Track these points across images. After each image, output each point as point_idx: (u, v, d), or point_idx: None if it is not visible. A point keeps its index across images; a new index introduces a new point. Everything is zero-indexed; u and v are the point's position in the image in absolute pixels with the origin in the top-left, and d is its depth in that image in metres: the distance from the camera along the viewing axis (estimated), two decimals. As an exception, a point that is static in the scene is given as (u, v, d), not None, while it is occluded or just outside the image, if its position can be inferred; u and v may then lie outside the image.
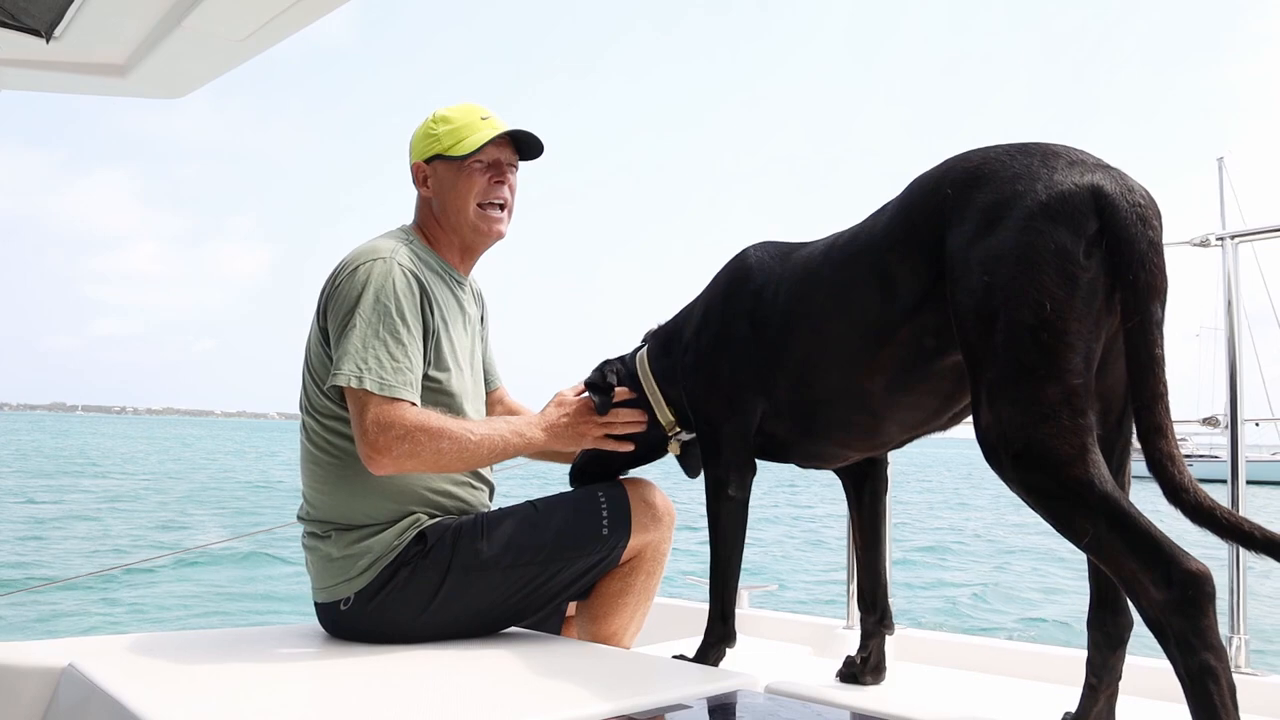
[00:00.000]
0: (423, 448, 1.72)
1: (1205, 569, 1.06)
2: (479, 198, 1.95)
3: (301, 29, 2.13)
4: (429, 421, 1.74)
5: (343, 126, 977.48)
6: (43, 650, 1.74)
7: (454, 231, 1.99)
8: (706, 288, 1.83)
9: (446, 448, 1.75)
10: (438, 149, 1.95)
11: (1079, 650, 1.43)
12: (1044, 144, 1.28)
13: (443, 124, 1.96)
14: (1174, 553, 1.07)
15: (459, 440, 1.76)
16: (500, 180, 1.97)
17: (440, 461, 1.77)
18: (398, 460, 1.72)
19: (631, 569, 1.94)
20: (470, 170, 1.94)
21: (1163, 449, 1.13)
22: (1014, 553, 13.46)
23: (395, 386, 1.73)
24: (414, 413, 1.74)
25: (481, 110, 1.97)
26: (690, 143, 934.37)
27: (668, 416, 1.89)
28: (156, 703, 1.37)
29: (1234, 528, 1.09)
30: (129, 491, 20.11)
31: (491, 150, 1.95)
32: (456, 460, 1.79)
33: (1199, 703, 1.05)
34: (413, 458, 1.73)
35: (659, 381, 1.89)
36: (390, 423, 1.70)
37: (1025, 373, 1.17)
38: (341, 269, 1.85)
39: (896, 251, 1.40)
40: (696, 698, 1.51)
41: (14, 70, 2.42)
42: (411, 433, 1.71)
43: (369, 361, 1.73)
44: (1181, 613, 1.05)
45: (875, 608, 1.78)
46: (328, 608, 1.86)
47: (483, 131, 1.93)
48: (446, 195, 1.96)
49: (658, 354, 1.91)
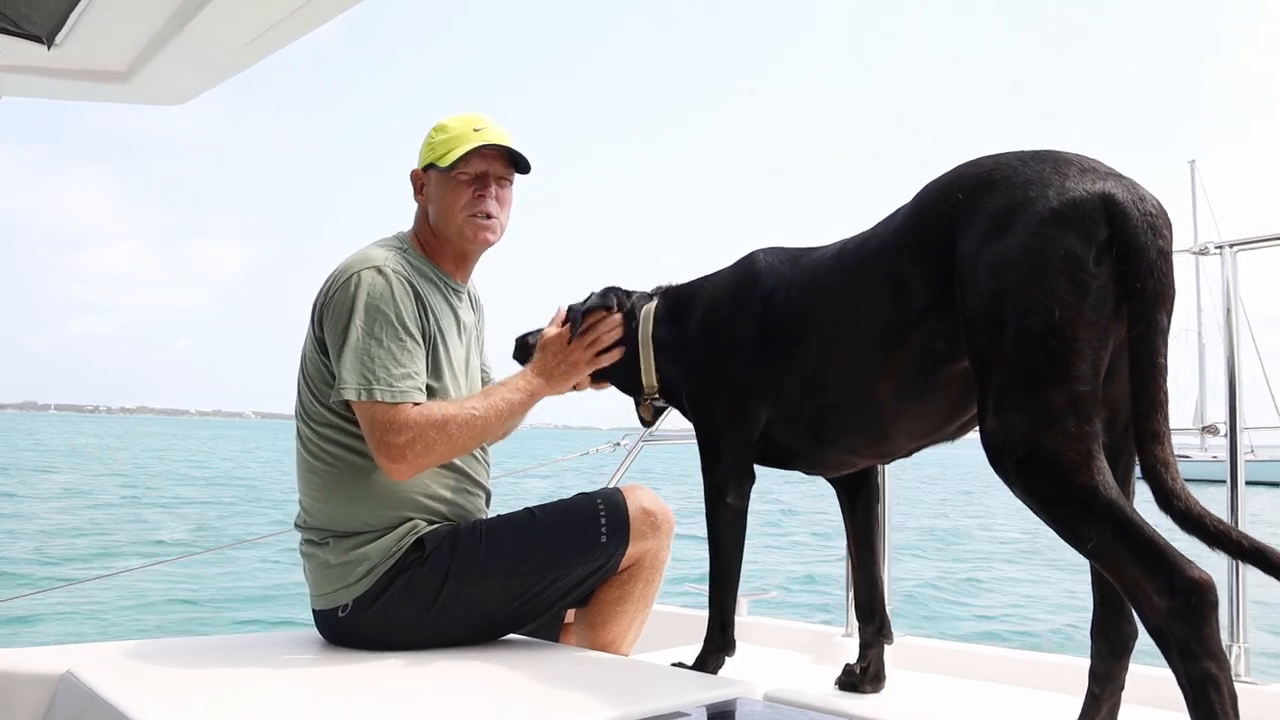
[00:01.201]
0: (435, 442, 1.75)
1: (1208, 577, 1.06)
2: (466, 209, 1.95)
3: (304, 35, 2.13)
4: (433, 414, 1.76)
5: (324, 127, 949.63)
6: (40, 657, 1.73)
7: (446, 239, 1.99)
8: (713, 286, 1.81)
9: (456, 432, 1.78)
10: (431, 158, 1.95)
11: (1081, 659, 1.43)
12: (1056, 151, 1.28)
13: (439, 133, 1.96)
14: (1177, 561, 1.07)
15: (466, 421, 1.79)
16: (483, 194, 1.95)
17: (455, 447, 1.80)
18: (416, 460, 1.75)
19: (630, 576, 1.93)
20: (456, 181, 1.94)
21: (1158, 455, 1.13)
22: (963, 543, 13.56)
23: (403, 391, 1.75)
24: (418, 410, 1.75)
25: (477, 120, 1.96)
26: (687, 141, 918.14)
27: (652, 381, 1.90)
28: (154, 709, 1.37)
29: (1222, 535, 1.09)
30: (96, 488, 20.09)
31: (478, 162, 1.94)
32: (471, 440, 1.82)
33: (1200, 711, 1.05)
34: (429, 454, 1.76)
35: (655, 347, 1.88)
36: (399, 426, 1.72)
37: (1032, 378, 1.17)
38: (335, 278, 1.85)
39: (908, 256, 1.40)
40: (695, 705, 1.50)
41: (15, 77, 2.42)
42: (422, 431, 1.73)
43: (376, 371, 1.74)
44: (1184, 620, 1.06)
45: (873, 617, 1.77)
46: (325, 615, 1.86)
47: (469, 142, 1.92)
48: (436, 204, 1.97)
49: (663, 318, 1.89)
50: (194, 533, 12.57)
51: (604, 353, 1.92)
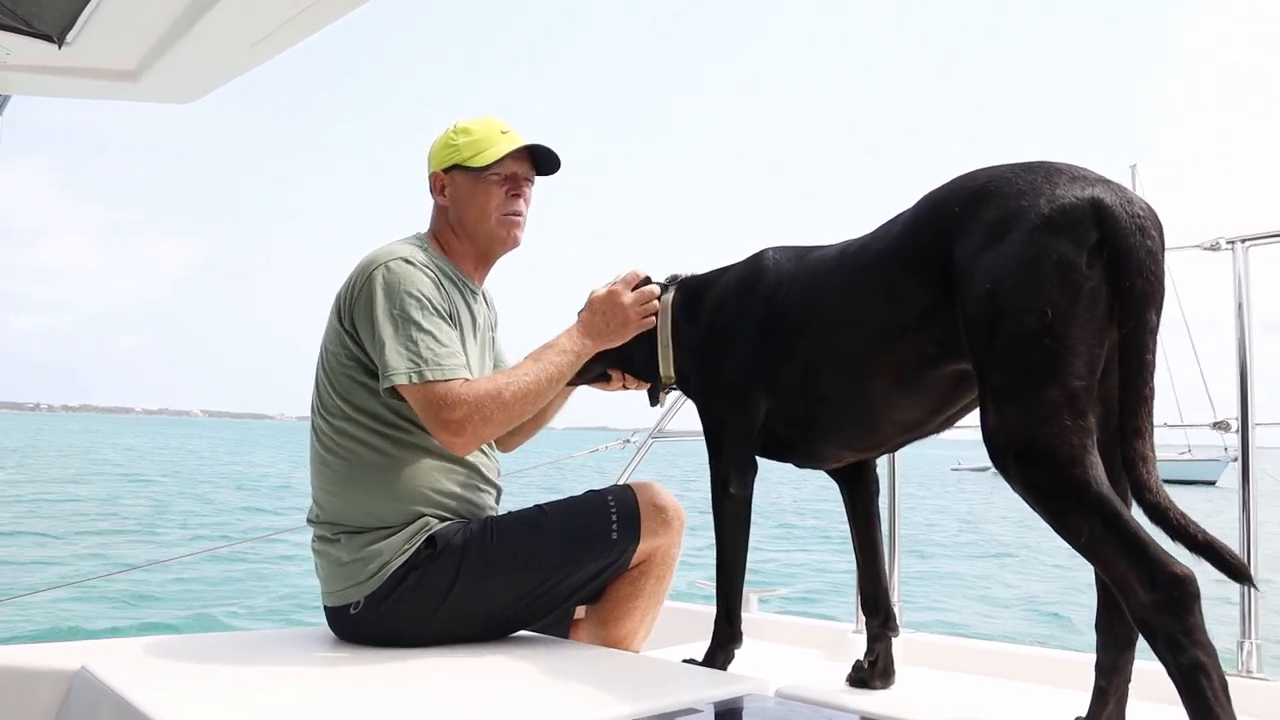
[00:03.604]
0: (492, 412, 1.78)
1: (1189, 571, 1.11)
2: (498, 209, 2.00)
3: (312, 34, 2.14)
4: (485, 386, 1.79)
5: (278, 126, 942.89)
6: (56, 653, 1.75)
7: (471, 240, 2.03)
8: (725, 281, 1.85)
9: (511, 399, 1.80)
10: (457, 159, 1.99)
11: (1088, 654, 1.44)
12: (1047, 162, 1.33)
13: (463, 135, 2.00)
14: (1159, 556, 1.12)
15: (518, 389, 1.81)
16: (517, 194, 2.01)
17: (512, 415, 1.82)
18: (476, 431, 1.77)
19: (641, 573, 1.94)
20: (488, 182, 1.98)
21: (1138, 449, 1.19)
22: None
23: (452, 369, 1.78)
24: (469, 385, 1.78)
25: (501, 124, 2.02)
26: (684, 137, 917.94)
27: (669, 371, 1.92)
28: (168, 705, 1.38)
29: (1181, 529, 1.15)
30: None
31: (510, 164, 2.00)
32: (527, 406, 1.84)
33: (1193, 698, 1.08)
34: (488, 424, 1.78)
35: (674, 337, 1.91)
36: (454, 402, 1.75)
37: (1029, 375, 1.22)
38: (362, 271, 1.87)
39: (905, 266, 1.45)
40: (706, 702, 1.51)
41: (25, 76, 2.44)
42: (479, 403, 1.76)
43: (422, 353, 1.77)
44: (1169, 613, 1.10)
45: (878, 610, 1.78)
46: (337, 611, 1.87)
47: (501, 144, 1.98)
48: (464, 205, 2.00)
49: (680, 310, 1.93)
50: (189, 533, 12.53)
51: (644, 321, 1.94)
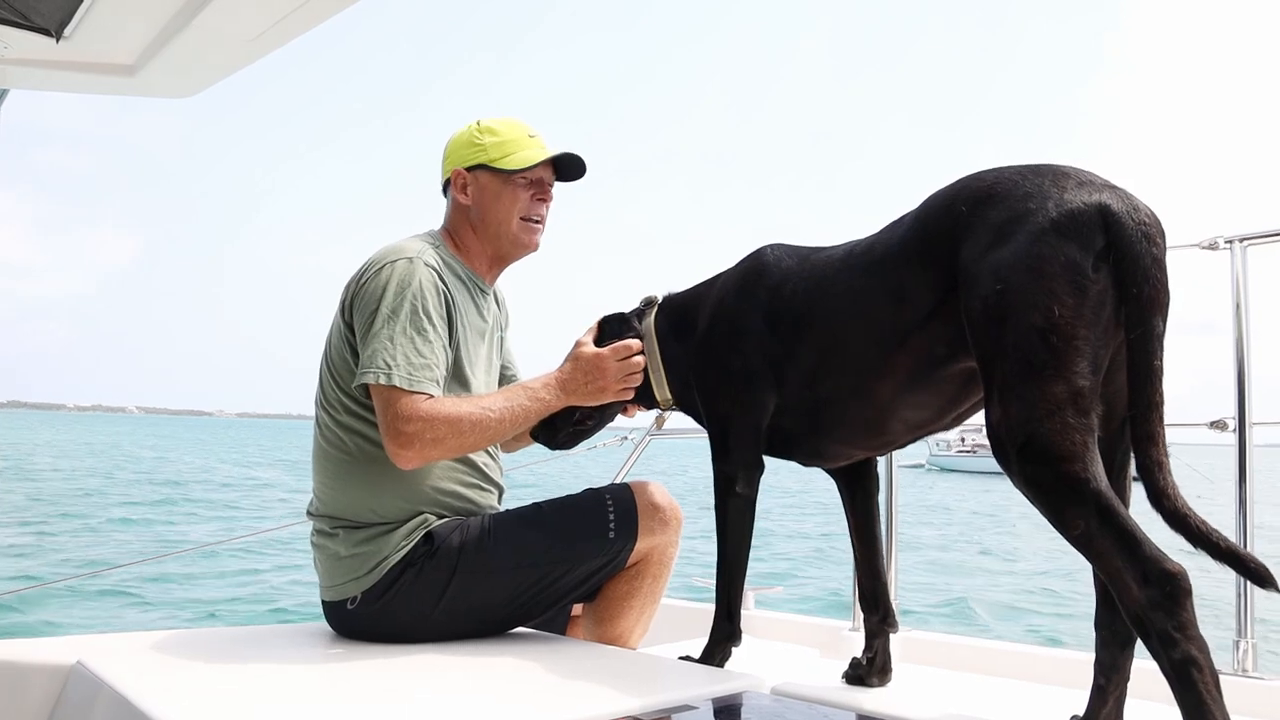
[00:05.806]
0: (444, 436, 1.75)
1: (1181, 568, 1.13)
2: (522, 212, 1.99)
3: (312, 28, 2.14)
4: (447, 409, 1.76)
5: (226, 115, 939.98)
6: (51, 648, 1.75)
7: (490, 241, 2.02)
8: (720, 283, 1.83)
9: (468, 430, 1.78)
10: (483, 159, 1.98)
11: (1087, 653, 1.44)
12: (1054, 165, 1.34)
13: (489, 134, 1.99)
14: (1153, 553, 1.14)
15: (479, 421, 1.79)
16: (542, 198, 2.02)
17: (465, 444, 1.80)
18: (422, 451, 1.74)
19: (638, 572, 1.94)
20: (515, 185, 1.98)
21: (1152, 455, 1.21)
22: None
23: (419, 381, 1.76)
24: (431, 403, 1.76)
25: (528, 127, 2.02)
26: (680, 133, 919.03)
27: (665, 394, 1.91)
28: (164, 701, 1.37)
29: (1202, 535, 1.17)
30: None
31: (538, 169, 2.00)
32: (480, 440, 1.81)
33: (1185, 692, 1.10)
34: (437, 446, 1.75)
35: (664, 361, 1.90)
36: (411, 415, 1.73)
37: (1034, 371, 1.23)
38: (368, 267, 1.87)
39: (912, 265, 1.46)
40: (702, 699, 1.51)
41: (23, 70, 2.43)
42: (432, 422, 1.73)
43: (396, 358, 1.75)
44: (1161, 608, 1.12)
45: (877, 606, 1.78)
46: (335, 606, 1.87)
47: (532, 150, 1.98)
48: (488, 205, 1.99)
49: (666, 332, 1.91)
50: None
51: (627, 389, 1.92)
